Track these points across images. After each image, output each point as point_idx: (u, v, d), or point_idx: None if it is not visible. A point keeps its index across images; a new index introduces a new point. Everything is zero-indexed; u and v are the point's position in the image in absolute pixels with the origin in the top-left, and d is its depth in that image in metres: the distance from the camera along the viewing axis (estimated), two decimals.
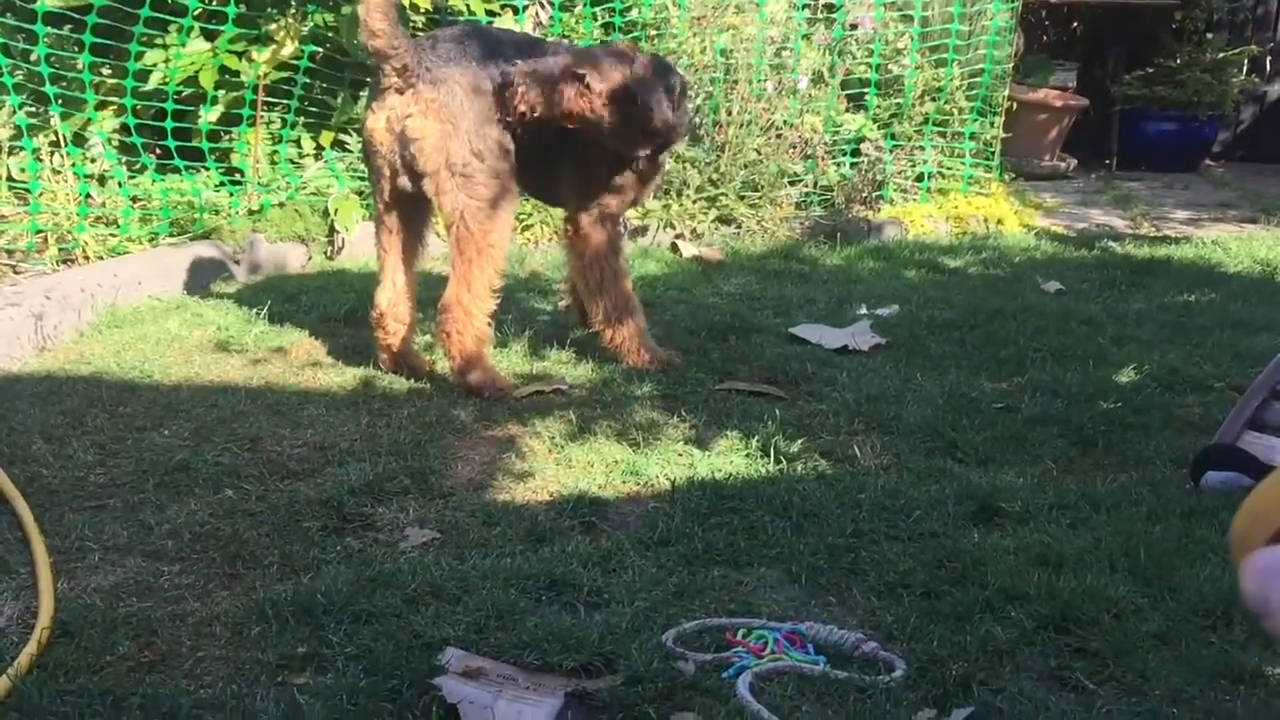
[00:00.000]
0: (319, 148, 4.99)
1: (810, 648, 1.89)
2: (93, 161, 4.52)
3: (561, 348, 3.43)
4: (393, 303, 3.19)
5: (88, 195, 4.34)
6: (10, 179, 4.32)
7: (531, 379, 3.19)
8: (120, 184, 4.49)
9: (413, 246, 3.23)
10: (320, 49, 4.85)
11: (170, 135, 4.49)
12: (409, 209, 3.16)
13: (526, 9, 5.35)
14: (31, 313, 3.37)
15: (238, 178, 4.76)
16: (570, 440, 2.75)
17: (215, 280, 4.21)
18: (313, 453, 2.65)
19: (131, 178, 4.56)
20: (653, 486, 2.51)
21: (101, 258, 4.06)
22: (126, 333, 3.53)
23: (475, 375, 3.05)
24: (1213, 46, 8.05)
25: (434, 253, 3.67)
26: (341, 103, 4.97)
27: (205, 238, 4.35)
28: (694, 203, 5.24)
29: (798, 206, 5.48)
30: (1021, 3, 6.17)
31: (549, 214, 4.89)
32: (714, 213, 5.27)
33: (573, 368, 3.31)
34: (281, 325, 3.62)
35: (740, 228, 5.26)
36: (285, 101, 4.82)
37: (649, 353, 3.29)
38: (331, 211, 4.63)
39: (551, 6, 5.44)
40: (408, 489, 2.46)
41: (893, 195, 5.67)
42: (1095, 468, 2.70)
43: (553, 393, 3.09)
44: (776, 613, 2.01)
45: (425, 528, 2.29)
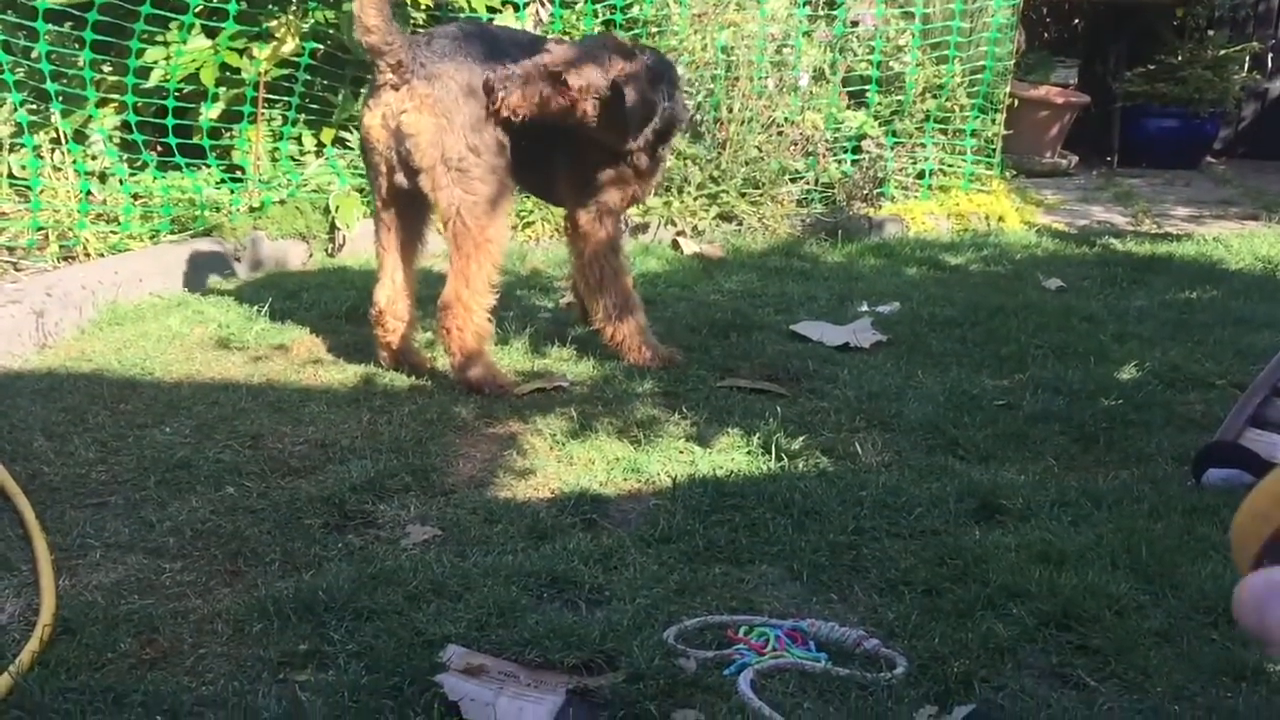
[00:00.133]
0: (320, 145, 4.99)
1: (812, 645, 1.89)
2: (94, 159, 4.52)
3: (562, 345, 3.43)
4: (392, 300, 3.19)
5: (89, 192, 4.34)
6: (11, 176, 4.32)
7: (533, 376, 3.19)
8: (121, 181, 4.49)
9: (412, 244, 3.23)
10: (321, 46, 4.85)
11: (171, 132, 4.49)
12: (407, 206, 3.16)
13: (527, 6, 5.34)
14: (32, 310, 3.37)
15: (239, 175, 4.76)
16: (571, 437, 2.75)
17: (216, 277, 4.20)
18: (314, 450, 2.65)
19: (132, 175, 4.56)
20: (654, 484, 2.52)
21: (102, 255, 4.06)
22: (127, 330, 3.53)
23: (476, 372, 3.05)
24: (1214, 43, 8.04)
25: (434, 250, 3.67)
26: (342, 100, 4.97)
27: (206, 235, 4.35)
28: (695, 200, 5.23)
29: (799, 204, 5.48)
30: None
31: (550, 211, 4.89)
32: (715, 210, 5.26)
33: (574, 365, 3.31)
34: (282, 322, 3.62)
35: (741, 225, 5.26)
36: (286, 98, 4.82)
37: (650, 350, 3.29)
38: (332, 209, 4.63)
39: (552, 3, 5.44)
40: (409, 486, 2.46)
41: (894, 192, 5.67)
42: (1096, 465, 2.69)
43: (554, 390, 3.09)
44: (778, 610, 2.00)
45: (426, 525, 2.29)
